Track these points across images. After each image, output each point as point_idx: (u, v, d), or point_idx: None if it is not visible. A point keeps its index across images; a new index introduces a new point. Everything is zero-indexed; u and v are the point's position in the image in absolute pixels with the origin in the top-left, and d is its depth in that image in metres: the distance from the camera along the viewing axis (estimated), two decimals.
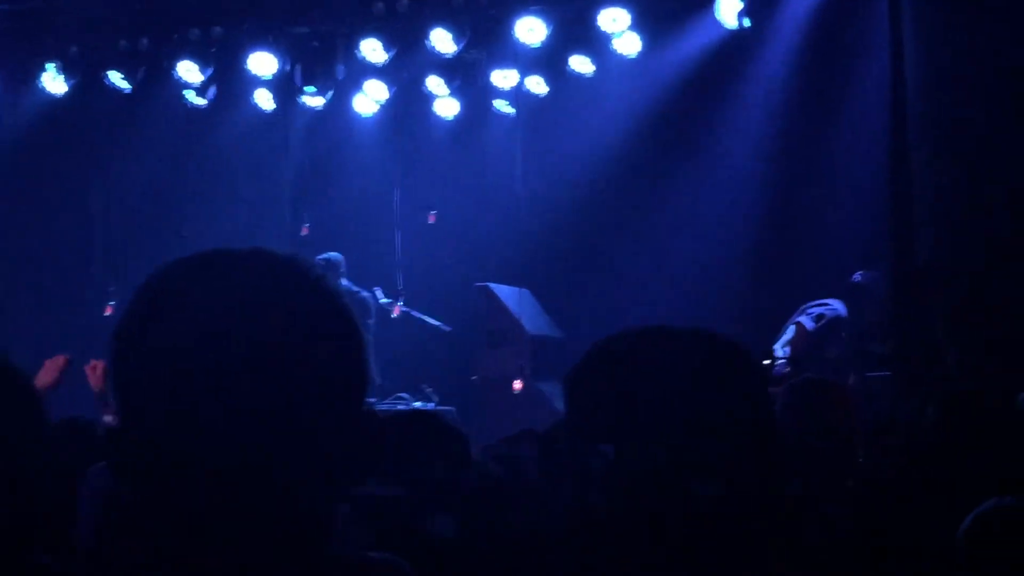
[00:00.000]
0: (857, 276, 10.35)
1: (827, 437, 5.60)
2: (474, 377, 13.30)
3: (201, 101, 14.21)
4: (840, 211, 11.94)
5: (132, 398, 1.79)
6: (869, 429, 6.05)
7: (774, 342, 10.13)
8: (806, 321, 10.16)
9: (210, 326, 1.79)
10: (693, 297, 12.67)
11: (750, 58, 12.85)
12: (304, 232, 14.45)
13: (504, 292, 13.35)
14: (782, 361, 9.06)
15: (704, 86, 13.21)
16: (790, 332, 10.14)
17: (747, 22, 12.17)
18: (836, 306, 10.25)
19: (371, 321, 13.48)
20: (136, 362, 1.79)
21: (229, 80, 14.06)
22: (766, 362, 8.98)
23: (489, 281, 13.53)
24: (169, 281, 1.88)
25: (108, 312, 13.73)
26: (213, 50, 13.66)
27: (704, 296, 12.57)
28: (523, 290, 13.43)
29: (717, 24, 12.46)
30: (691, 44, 13.10)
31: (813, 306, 10.31)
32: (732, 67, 12.98)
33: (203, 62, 13.66)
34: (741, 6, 12.08)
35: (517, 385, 12.75)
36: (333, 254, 13.89)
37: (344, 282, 13.69)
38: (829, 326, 10.14)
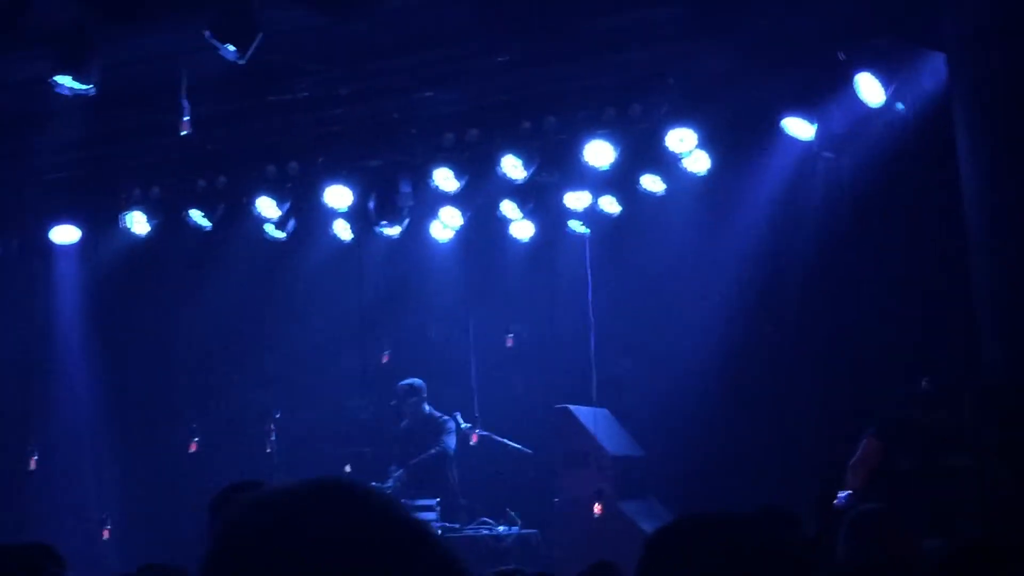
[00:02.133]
0: (924, 383, 10.24)
1: (885, 571, 5.55)
2: (556, 500, 13.29)
3: (280, 235, 14.46)
4: (906, 322, 11.89)
5: None
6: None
7: (848, 459, 10.05)
8: (872, 435, 10.06)
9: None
10: (768, 411, 12.65)
11: (819, 172, 12.87)
12: (385, 360, 14.59)
13: (583, 413, 13.36)
14: (844, 494, 8.97)
15: (775, 200, 13.24)
16: (860, 449, 10.05)
17: (827, 155, 12.19)
18: (901, 417, 10.14)
19: (453, 442, 13.60)
20: None
21: (306, 213, 14.34)
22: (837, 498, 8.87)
23: (567, 402, 13.54)
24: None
25: (192, 449, 13.94)
26: (289, 185, 13.95)
27: (778, 410, 12.53)
28: (601, 410, 13.45)
29: (786, 138, 12.51)
30: (761, 160, 13.14)
31: (881, 419, 10.21)
32: (802, 183, 13.00)
33: (280, 197, 13.96)
34: (812, 125, 12.10)
35: (597, 509, 12.72)
36: (415, 380, 14.05)
37: (427, 408, 13.83)
38: (898, 437, 10.03)
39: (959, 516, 9.13)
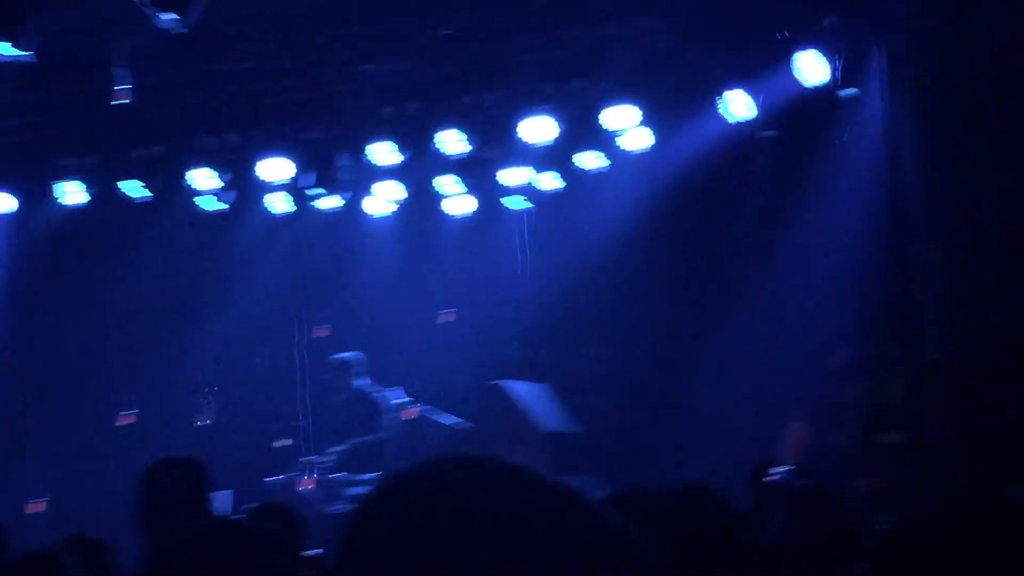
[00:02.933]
0: (839, 352, 10.31)
1: (820, 547, 5.57)
2: None
3: (217, 206, 14.32)
4: (839, 304, 11.97)
5: None
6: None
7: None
8: (797, 421, 10.13)
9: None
10: (709, 388, 12.69)
11: (755, 148, 12.91)
12: (322, 333, 14.52)
13: (520, 389, 13.35)
14: (781, 471, 9.02)
15: (713, 180, 13.27)
16: (787, 435, 10.10)
17: (769, 133, 12.23)
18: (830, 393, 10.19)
19: (386, 421, 13.55)
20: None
21: (244, 185, 14.20)
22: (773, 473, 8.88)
23: (506, 378, 13.53)
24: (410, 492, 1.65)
25: (126, 421, 13.82)
26: (227, 156, 13.81)
27: (719, 386, 12.59)
28: (541, 385, 13.44)
29: (726, 116, 12.54)
30: (702, 138, 13.16)
31: (809, 400, 10.25)
32: (740, 161, 13.04)
33: (217, 169, 13.80)
34: (750, 102, 12.15)
35: None
36: (351, 354, 14.01)
37: (363, 382, 13.79)
38: (827, 414, 10.09)
39: (897, 492, 9.20)
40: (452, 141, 13.12)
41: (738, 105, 12.27)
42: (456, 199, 14.36)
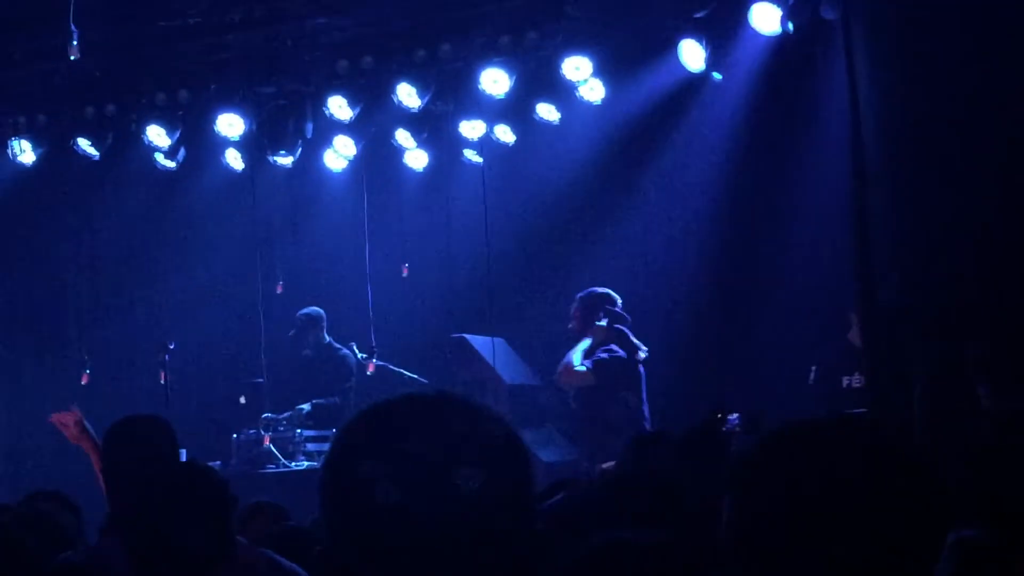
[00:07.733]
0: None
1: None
2: None
3: (170, 164, 14.22)
4: (800, 257, 12.02)
5: (340, 526, 2.03)
6: None
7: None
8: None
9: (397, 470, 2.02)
10: (659, 343, 12.69)
11: (713, 101, 12.91)
12: (279, 290, 14.48)
13: (478, 342, 13.35)
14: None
15: (668, 130, 13.27)
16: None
17: (716, 76, 12.23)
18: None
19: (353, 379, 13.60)
20: (344, 493, 2.03)
21: (198, 142, 14.11)
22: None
23: (464, 332, 13.52)
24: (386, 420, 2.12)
25: (84, 381, 13.74)
26: (180, 113, 13.70)
27: (670, 343, 12.60)
28: (497, 339, 13.43)
29: (680, 67, 12.52)
30: (655, 88, 13.15)
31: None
32: (695, 111, 13.04)
33: (171, 125, 13.70)
34: (703, 52, 12.13)
35: None
36: (314, 309, 14.01)
37: (327, 337, 13.82)
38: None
39: None
40: (407, 94, 13.07)
41: (693, 54, 12.25)
42: (412, 152, 14.31)
